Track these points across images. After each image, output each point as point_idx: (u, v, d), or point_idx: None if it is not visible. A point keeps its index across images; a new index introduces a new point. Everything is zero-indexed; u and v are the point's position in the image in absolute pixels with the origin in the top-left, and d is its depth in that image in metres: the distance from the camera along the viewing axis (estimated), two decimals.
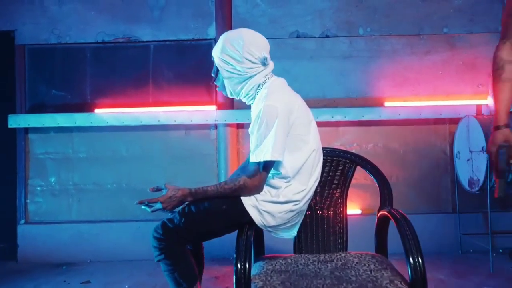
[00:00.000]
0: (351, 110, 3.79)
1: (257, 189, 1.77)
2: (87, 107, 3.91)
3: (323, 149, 2.03)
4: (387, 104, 3.86)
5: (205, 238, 1.87)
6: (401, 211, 1.78)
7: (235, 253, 1.57)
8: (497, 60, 1.71)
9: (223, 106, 3.85)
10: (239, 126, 3.91)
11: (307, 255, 1.91)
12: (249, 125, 1.83)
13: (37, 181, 3.94)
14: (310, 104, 1.97)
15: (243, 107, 3.81)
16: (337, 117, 3.77)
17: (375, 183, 2.03)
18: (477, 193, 3.41)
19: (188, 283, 1.75)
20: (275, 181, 1.80)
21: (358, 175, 2.06)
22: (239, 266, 1.52)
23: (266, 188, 1.80)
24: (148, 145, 3.93)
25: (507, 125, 1.65)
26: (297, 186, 1.79)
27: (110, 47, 3.96)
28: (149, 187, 1.86)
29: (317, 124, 1.94)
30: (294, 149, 1.78)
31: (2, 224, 4.09)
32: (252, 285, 1.60)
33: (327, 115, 3.76)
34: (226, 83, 1.89)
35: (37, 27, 3.96)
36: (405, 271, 1.55)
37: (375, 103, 3.88)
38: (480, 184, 3.31)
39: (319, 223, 2.03)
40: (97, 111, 3.86)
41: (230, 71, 1.84)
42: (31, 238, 3.84)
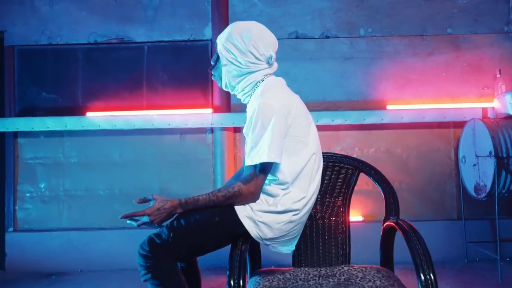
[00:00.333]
0: (352, 113, 3.66)
1: (253, 196, 1.62)
2: (78, 111, 3.78)
3: (324, 154, 1.89)
4: (389, 107, 3.74)
5: (196, 253, 1.72)
6: (409, 222, 1.64)
7: (228, 270, 1.43)
8: None
9: (220, 109, 3.72)
10: (236, 130, 3.78)
11: (307, 269, 1.77)
12: (245, 125, 1.70)
13: (27, 187, 3.80)
14: (309, 107, 1.83)
15: (240, 110, 3.68)
16: (338, 121, 3.65)
17: (378, 189, 1.90)
18: (484, 199, 3.28)
19: None
20: (272, 188, 1.65)
21: (359, 180, 1.93)
22: (232, 284, 1.38)
23: (262, 196, 1.65)
24: (141, 149, 3.80)
25: None
26: (296, 193, 1.65)
27: (102, 48, 3.83)
28: (142, 193, 1.73)
29: (317, 128, 1.81)
30: (292, 152, 1.64)
31: None
32: None
33: (327, 119, 3.63)
34: (223, 73, 1.77)
35: (27, 27, 3.83)
36: (413, 285, 1.41)
37: (377, 106, 3.76)
38: (487, 190, 3.17)
39: (320, 234, 1.89)
40: (88, 114, 3.73)
41: (230, 61, 1.73)
42: (20, 246, 3.70)
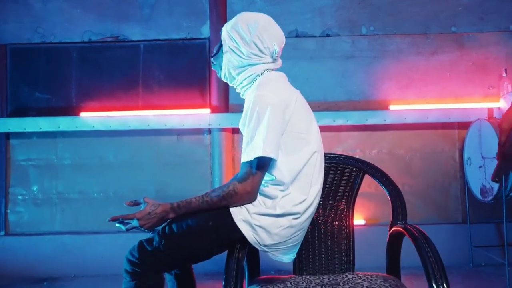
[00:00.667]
0: (353, 113, 3.57)
1: (249, 196, 1.51)
2: (72, 111, 3.68)
3: (326, 155, 1.78)
4: (392, 107, 3.65)
5: (190, 261, 1.62)
6: (419, 227, 1.53)
7: (224, 279, 1.32)
8: None
9: (218, 109, 3.62)
10: (235, 130, 3.68)
11: (308, 277, 1.66)
12: (240, 119, 1.60)
13: (19, 190, 3.71)
14: (310, 107, 1.73)
15: (239, 111, 3.58)
16: (339, 121, 3.55)
17: (380, 192, 1.80)
18: (491, 202, 3.18)
19: None
20: (269, 190, 1.54)
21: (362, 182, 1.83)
22: None
23: (260, 198, 1.54)
24: (137, 151, 3.70)
25: None
26: (296, 195, 1.54)
27: (97, 47, 3.74)
28: (138, 196, 1.64)
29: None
30: (291, 150, 1.53)
31: None
32: None
33: (328, 119, 3.54)
34: (224, 61, 1.68)
35: (20, 25, 3.74)
36: None
37: (379, 106, 3.67)
38: (494, 193, 3.07)
39: (322, 239, 1.78)
40: (82, 115, 3.64)
41: (232, 49, 1.64)
42: (11, 250, 3.60)
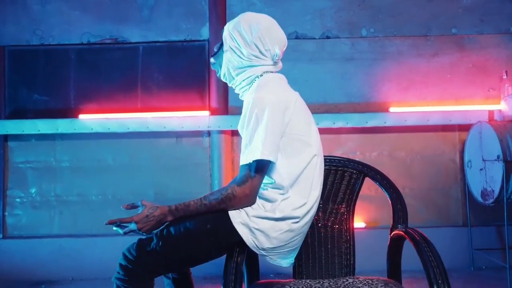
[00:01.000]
0: (354, 116, 3.56)
1: (248, 199, 1.49)
2: (70, 113, 3.68)
3: (327, 157, 1.76)
4: (392, 109, 3.64)
5: (188, 264, 1.60)
6: (420, 231, 1.51)
7: (222, 283, 1.30)
8: None
9: (217, 111, 3.61)
10: (234, 133, 3.67)
11: (308, 281, 1.63)
12: (239, 122, 1.59)
13: (17, 192, 3.70)
14: (310, 109, 1.72)
15: (238, 113, 3.56)
16: (339, 124, 3.54)
17: (380, 195, 1.78)
18: (491, 205, 3.17)
19: None
20: (269, 193, 1.52)
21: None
22: None
23: (259, 201, 1.52)
24: (136, 153, 3.69)
25: None
26: (296, 199, 1.52)
27: (96, 48, 3.73)
28: (136, 199, 1.62)
29: (318, 130, 1.69)
30: (291, 152, 1.51)
31: None
32: None
33: (328, 121, 3.52)
34: (224, 60, 1.66)
35: (18, 27, 3.73)
36: None
37: (380, 108, 3.66)
38: (495, 195, 3.06)
39: (322, 243, 1.76)
40: (81, 117, 3.63)
41: (232, 49, 1.62)
42: (9, 253, 3.59)
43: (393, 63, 3.69)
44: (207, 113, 3.62)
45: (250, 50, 1.60)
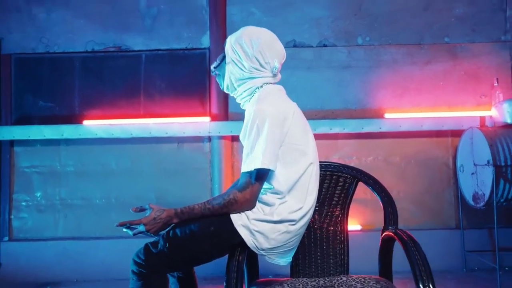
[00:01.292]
0: (350, 122, 3.66)
1: (249, 204, 1.60)
2: (75, 119, 3.77)
3: (322, 163, 1.88)
4: (387, 115, 3.73)
5: (193, 264, 1.71)
6: (408, 232, 1.62)
7: (225, 281, 1.41)
8: None
9: (217, 117, 3.70)
10: (234, 138, 3.76)
11: (305, 279, 1.74)
12: (241, 131, 1.69)
13: (22, 196, 3.78)
14: (307, 115, 1.82)
15: (238, 119, 3.67)
16: (336, 129, 3.64)
17: (376, 198, 1.88)
18: (482, 208, 3.27)
19: None
20: (268, 198, 1.63)
21: (357, 189, 1.92)
22: None
23: (258, 205, 1.64)
24: (138, 158, 3.78)
25: None
26: (292, 203, 1.63)
27: (99, 56, 3.83)
28: (139, 202, 1.72)
29: (315, 136, 1.80)
30: (289, 161, 1.62)
31: None
32: None
33: (325, 127, 3.63)
34: (226, 72, 1.77)
35: (24, 35, 3.83)
36: None
37: (375, 114, 3.76)
38: (485, 199, 3.16)
39: (318, 244, 1.87)
40: (85, 123, 3.72)
41: (234, 62, 1.73)
42: (15, 256, 3.67)
43: (388, 71, 3.80)
44: (207, 119, 3.71)
45: (251, 63, 1.70)
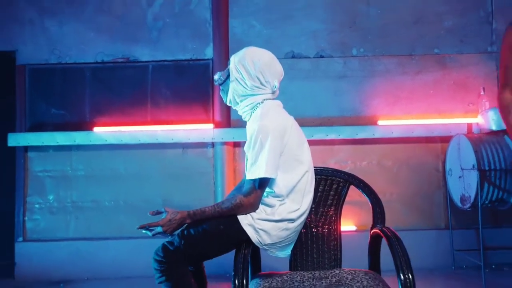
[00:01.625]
0: (345, 128, 3.86)
1: (253, 207, 1.83)
2: (85, 126, 3.97)
3: (318, 168, 2.10)
4: (380, 122, 3.94)
5: (204, 258, 1.93)
6: (392, 229, 1.84)
7: (233, 271, 1.62)
8: (502, 101, 1.87)
9: (220, 124, 3.91)
10: (236, 144, 3.98)
11: (302, 272, 1.96)
12: (246, 144, 1.91)
13: (36, 199, 3.98)
14: (305, 122, 2.04)
15: (239, 126, 3.87)
16: (332, 135, 3.84)
17: None
18: (469, 209, 3.48)
19: None
20: (269, 200, 1.86)
21: (353, 193, 2.13)
22: (237, 283, 1.57)
23: (261, 206, 1.86)
24: (145, 163, 3.99)
25: None
26: (291, 205, 1.86)
27: (109, 67, 4.05)
28: (146, 205, 1.93)
29: (313, 142, 2.02)
30: (287, 169, 1.85)
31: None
32: None
33: (322, 134, 3.81)
34: (230, 89, 1.98)
35: (37, 47, 4.04)
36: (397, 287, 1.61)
37: (369, 121, 3.96)
38: (471, 201, 3.38)
39: (314, 241, 2.09)
40: (95, 129, 3.92)
41: (238, 80, 1.94)
42: (29, 255, 3.87)
43: (381, 80, 4.01)
44: (211, 126, 3.91)
45: (252, 81, 1.92)
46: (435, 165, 3.98)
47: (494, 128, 3.51)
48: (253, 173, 1.80)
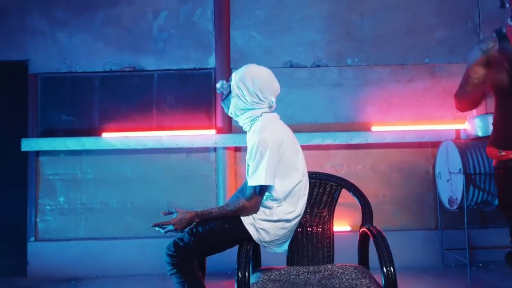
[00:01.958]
0: (340, 134, 4.06)
1: (254, 209, 2.06)
2: (94, 132, 4.18)
3: (312, 173, 2.32)
4: (373, 128, 4.15)
5: (211, 252, 2.15)
6: (379, 228, 2.06)
7: (237, 265, 1.84)
8: (456, 95, 2.23)
9: (222, 130, 4.12)
10: (237, 149, 4.18)
11: (298, 267, 2.18)
12: (246, 149, 2.14)
13: (47, 201, 4.18)
14: (303, 128, 2.24)
15: (240, 132, 4.05)
16: (328, 141, 4.03)
17: None
18: (456, 211, 3.69)
19: None
20: (268, 203, 2.10)
21: (348, 195, 2.35)
22: (240, 275, 1.79)
23: (261, 208, 2.09)
24: (151, 167, 4.19)
25: None
26: (287, 207, 2.09)
27: (117, 75, 4.26)
28: (152, 207, 2.13)
29: (310, 147, 2.23)
30: (285, 176, 2.08)
31: (12, 241, 4.34)
32: None
33: (318, 139, 4.00)
34: (232, 103, 2.20)
35: (49, 57, 4.25)
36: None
37: (363, 127, 4.17)
38: (458, 202, 3.59)
39: (309, 239, 2.30)
40: (104, 135, 4.13)
41: (239, 96, 2.16)
42: (41, 254, 4.07)
43: (374, 88, 4.22)
44: (213, 131, 4.12)
45: (252, 98, 2.14)
46: (425, 169, 4.19)
47: (480, 134, 3.72)
48: (254, 180, 2.02)
